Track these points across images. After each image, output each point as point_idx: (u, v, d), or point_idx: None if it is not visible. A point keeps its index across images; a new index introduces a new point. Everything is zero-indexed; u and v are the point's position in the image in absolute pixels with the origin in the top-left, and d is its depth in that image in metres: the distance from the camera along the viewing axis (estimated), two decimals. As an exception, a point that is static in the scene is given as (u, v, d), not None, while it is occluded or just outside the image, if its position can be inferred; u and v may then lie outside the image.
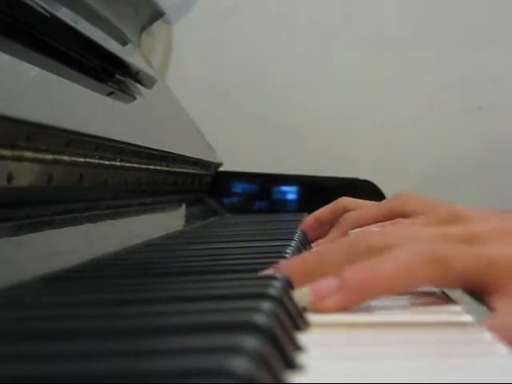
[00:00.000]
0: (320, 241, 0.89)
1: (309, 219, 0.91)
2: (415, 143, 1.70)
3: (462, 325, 0.41)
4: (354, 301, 0.44)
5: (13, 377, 0.26)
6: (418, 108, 1.70)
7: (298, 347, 0.35)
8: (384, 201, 0.92)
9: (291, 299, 0.41)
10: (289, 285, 0.44)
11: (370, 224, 0.88)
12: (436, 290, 0.50)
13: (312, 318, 0.42)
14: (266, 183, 1.31)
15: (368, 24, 1.70)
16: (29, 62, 0.62)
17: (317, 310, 0.44)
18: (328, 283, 0.45)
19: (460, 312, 0.45)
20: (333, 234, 0.89)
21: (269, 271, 0.48)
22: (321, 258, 0.49)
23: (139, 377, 0.26)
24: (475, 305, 0.47)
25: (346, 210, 0.90)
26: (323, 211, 0.92)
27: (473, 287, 0.46)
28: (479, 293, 0.46)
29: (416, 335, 0.40)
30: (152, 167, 0.90)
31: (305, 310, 0.43)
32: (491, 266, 0.45)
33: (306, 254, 0.50)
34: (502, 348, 0.36)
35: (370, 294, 0.45)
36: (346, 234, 0.88)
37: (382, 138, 1.70)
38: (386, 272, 0.45)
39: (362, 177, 1.28)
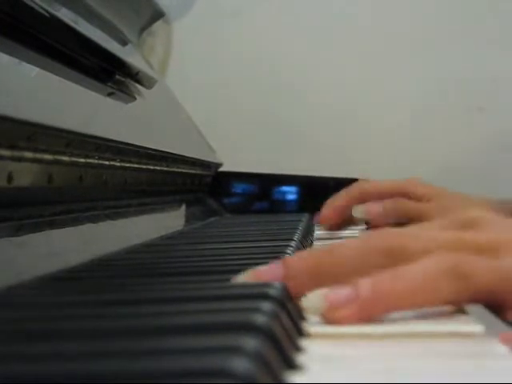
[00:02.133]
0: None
1: (327, 211, 0.92)
2: (415, 143, 1.70)
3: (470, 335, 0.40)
4: (370, 314, 0.41)
5: (13, 377, 0.26)
6: (418, 108, 1.70)
7: (298, 347, 0.35)
8: (396, 180, 0.94)
9: (291, 299, 0.41)
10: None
11: (376, 197, 0.89)
12: None
13: (312, 318, 0.42)
14: (266, 183, 1.31)
15: (368, 24, 1.70)
16: (29, 62, 0.62)
17: (328, 321, 0.41)
18: (343, 293, 0.41)
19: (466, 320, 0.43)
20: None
21: (276, 265, 0.45)
22: (333, 258, 0.45)
23: (139, 377, 0.26)
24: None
25: (360, 194, 0.91)
26: (338, 202, 0.92)
27: (493, 302, 0.43)
28: (499, 307, 0.44)
29: (416, 336, 0.40)
30: (152, 167, 0.90)
31: (306, 310, 0.42)
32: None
33: (316, 252, 0.46)
34: (501, 348, 0.36)
35: (389, 309, 0.42)
36: (351, 200, 0.90)
37: (382, 138, 1.70)
38: (407, 286, 0.41)
39: (361, 177, 1.28)
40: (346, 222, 0.93)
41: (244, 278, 0.44)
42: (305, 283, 0.43)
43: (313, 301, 0.41)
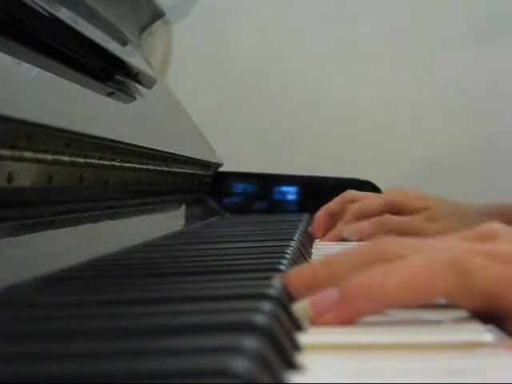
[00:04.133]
0: (329, 234, 0.93)
1: (320, 214, 0.95)
2: (415, 143, 1.70)
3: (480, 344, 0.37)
4: (355, 314, 0.40)
5: (13, 377, 0.26)
6: (418, 108, 1.70)
7: (297, 347, 0.35)
8: (384, 194, 0.96)
9: (291, 299, 0.41)
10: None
11: (371, 216, 0.92)
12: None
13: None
14: (266, 183, 1.31)
15: (368, 24, 1.70)
16: (29, 62, 0.62)
17: (315, 324, 0.40)
18: (329, 295, 0.40)
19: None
20: (339, 226, 0.93)
21: (275, 279, 0.43)
22: (331, 267, 0.44)
23: (139, 377, 0.26)
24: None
25: (351, 202, 0.94)
26: (331, 205, 0.96)
27: (493, 307, 0.41)
28: (499, 313, 0.41)
29: (416, 336, 0.40)
30: (152, 167, 0.90)
31: (297, 317, 0.40)
32: None
33: (314, 263, 0.45)
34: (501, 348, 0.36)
35: (375, 307, 0.40)
36: (339, 208, 0.94)
37: (382, 137, 1.70)
38: (394, 281, 0.39)
39: (361, 177, 1.28)
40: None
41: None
42: (304, 294, 0.42)
43: (301, 308, 0.40)
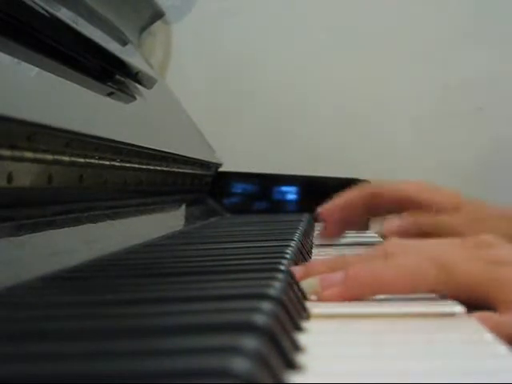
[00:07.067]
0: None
1: (335, 215, 0.89)
2: (415, 143, 1.70)
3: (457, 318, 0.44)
4: (352, 295, 0.48)
5: (13, 377, 0.26)
6: (418, 108, 1.70)
7: (297, 347, 0.35)
8: (408, 186, 0.90)
9: (291, 299, 0.41)
10: (289, 285, 0.44)
11: (387, 203, 0.88)
12: None
13: (311, 320, 0.42)
14: (266, 183, 1.31)
15: (368, 24, 1.70)
16: (29, 62, 0.62)
17: (320, 298, 0.48)
18: (335, 276, 0.49)
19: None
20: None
21: (298, 268, 0.52)
22: (345, 261, 0.52)
23: (139, 377, 0.26)
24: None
25: (372, 195, 0.88)
26: (349, 197, 0.89)
27: (477, 298, 0.48)
28: (482, 304, 0.47)
29: (416, 335, 0.40)
30: (152, 167, 0.90)
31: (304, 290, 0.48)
32: (501, 280, 0.47)
33: (334, 258, 0.55)
34: (501, 348, 0.36)
35: (369, 292, 0.48)
36: (360, 201, 0.88)
37: (382, 138, 1.70)
38: (385, 274, 0.48)
39: (361, 177, 1.28)
40: (349, 223, 0.91)
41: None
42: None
43: (310, 282, 0.49)
